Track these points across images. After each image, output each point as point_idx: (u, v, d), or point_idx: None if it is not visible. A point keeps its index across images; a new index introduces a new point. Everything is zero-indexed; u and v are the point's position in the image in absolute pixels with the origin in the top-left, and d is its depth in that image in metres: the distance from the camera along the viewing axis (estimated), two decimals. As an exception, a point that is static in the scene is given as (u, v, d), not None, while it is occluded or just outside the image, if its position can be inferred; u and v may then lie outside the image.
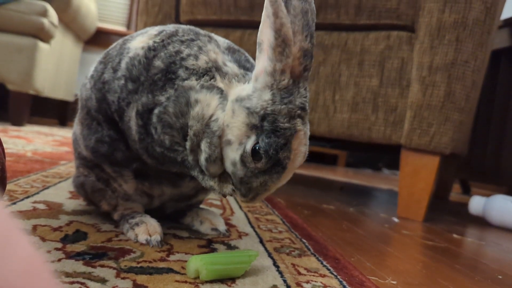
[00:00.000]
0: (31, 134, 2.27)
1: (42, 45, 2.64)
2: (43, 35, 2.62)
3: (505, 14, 1.89)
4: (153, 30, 0.72)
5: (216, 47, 0.68)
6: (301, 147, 0.60)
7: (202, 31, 0.72)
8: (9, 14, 2.51)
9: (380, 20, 1.41)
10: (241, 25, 1.59)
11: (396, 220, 1.36)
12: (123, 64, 0.69)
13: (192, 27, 0.73)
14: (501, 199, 1.57)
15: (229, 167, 0.62)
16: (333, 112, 1.47)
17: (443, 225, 1.39)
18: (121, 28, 4.30)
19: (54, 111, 3.81)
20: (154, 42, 0.68)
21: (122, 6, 4.34)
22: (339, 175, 3.32)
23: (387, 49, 1.41)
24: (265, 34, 0.58)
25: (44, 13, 2.57)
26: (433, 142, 1.34)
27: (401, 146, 1.42)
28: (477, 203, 1.64)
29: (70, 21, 3.07)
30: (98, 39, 3.99)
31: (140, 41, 0.70)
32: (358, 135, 1.44)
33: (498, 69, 2.20)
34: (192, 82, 0.63)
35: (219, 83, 0.64)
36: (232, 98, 0.62)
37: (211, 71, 0.65)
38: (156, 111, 0.64)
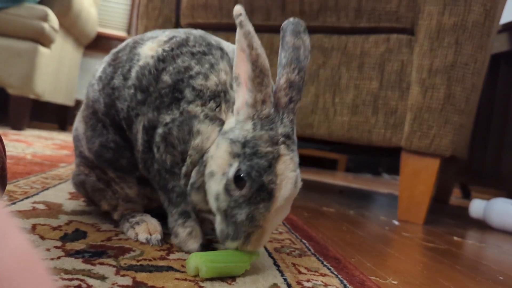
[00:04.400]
0: (31, 138, 2.27)
1: (42, 49, 2.64)
2: (44, 40, 2.63)
3: (504, 19, 1.89)
4: (164, 35, 0.71)
5: (227, 65, 0.67)
6: (289, 172, 0.57)
7: (213, 41, 0.70)
8: (9, 19, 2.52)
9: (379, 23, 1.42)
10: (241, 29, 1.59)
11: (396, 222, 1.36)
12: (133, 73, 0.68)
13: (203, 34, 0.71)
14: (501, 202, 1.57)
15: (213, 204, 0.59)
16: (333, 114, 1.47)
17: (443, 228, 1.39)
18: (122, 33, 4.31)
19: (54, 116, 3.81)
20: (164, 50, 0.67)
21: (123, 11, 4.36)
22: (339, 179, 3.32)
23: (387, 51, 1.41)
24: (240, 67, 0.58)
25: (45, 18, 2.58)
26: (433, 145, 1.34)
27: (401, 149, 1.42)
28: (477, 206, 1.64)
29: (71, 25, 3.08)
30: (99, 44, 4.00)
31: (150, 47, 0.69)
32: (358, 137, 1.44)
33: (498, 73, 2.21)
34: (197, 108, 0.63)
35: (223, 113, 0.63)
36: (221, 134, 0.61)
37: (219, 97, 0.64)
38: (160, 130, 0.64)
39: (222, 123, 0.63)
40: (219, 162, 0.58)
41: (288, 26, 0.62)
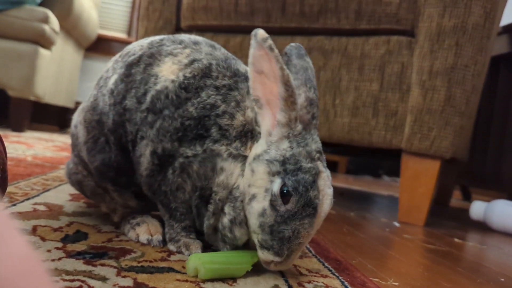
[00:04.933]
0: (31, 140, 2.27)
1: (43, 51, 2.64)
2: (44, 42, 2.63)
3: (504, 21, 1.90)
4: (184, 54, 0.67)
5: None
6: (327, 189, 0.59)
7: (241, 69, 0.67)
8: (10, 21, 2.52)
9: (380, 25, 1.42)
10: (241, 30, 1.59)
11: (397, 224, 1.35)
12: (148, 98, 0.66)
13: (224, 58, 0.68)
14: (502, 204, 1.57)
15: (255, 223, 0.59)
16: (333, 116, 1.47)
17: (444, 230, 1.39)
18: (122, 35, 4.31)
19: (54, 118, 3.81)
20: (185, 77, 0.65)
21: (123, 13, 4.36)
22: (339, 181, 3.31)
23: (387, 53, 1.41)
24: (259, 89, 0.59)
25: (46, 20, 2.58)
26: (434, 146, 1.34)
27: (401, 151, 1.42)
28: (478, 208, 1.64)
29: (71, 28, 3.08)
30: (99, 46, 4.00)
31: (169, 69, 0.66)
32: (359, 139, 1.44)
33: (498, 75, 2.21)
34: (222, 147, 0.62)
35: (247, 150, 0.63)
36: (249, 161, 0.61)
37: (245, 137, 0.63)
38: (180, 160, 0.63)
39: (244, 158, 0.62)
40: (259, 184, 0.59)
41: (292, 50, 0.67)
